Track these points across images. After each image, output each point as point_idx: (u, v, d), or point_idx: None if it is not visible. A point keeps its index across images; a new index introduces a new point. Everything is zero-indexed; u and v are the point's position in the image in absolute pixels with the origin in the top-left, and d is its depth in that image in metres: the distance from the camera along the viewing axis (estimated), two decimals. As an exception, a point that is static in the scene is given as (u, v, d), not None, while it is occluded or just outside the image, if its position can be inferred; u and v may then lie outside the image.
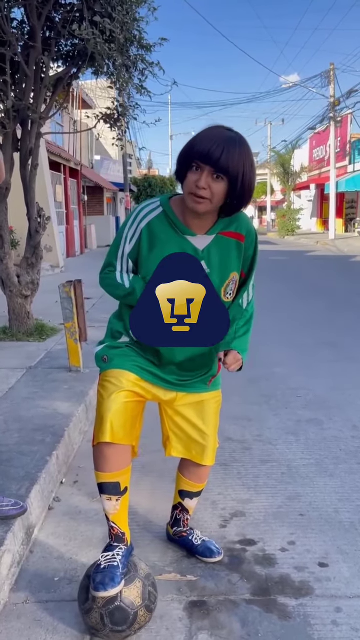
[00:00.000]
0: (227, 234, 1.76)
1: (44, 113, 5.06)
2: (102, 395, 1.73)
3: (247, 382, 4.17)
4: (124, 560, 1.69)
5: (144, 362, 1.80)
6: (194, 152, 1.58)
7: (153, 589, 1.71)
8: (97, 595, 1.59)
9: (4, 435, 2.88)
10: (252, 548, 2.16)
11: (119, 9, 4.42)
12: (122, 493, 1.75)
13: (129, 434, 1.72)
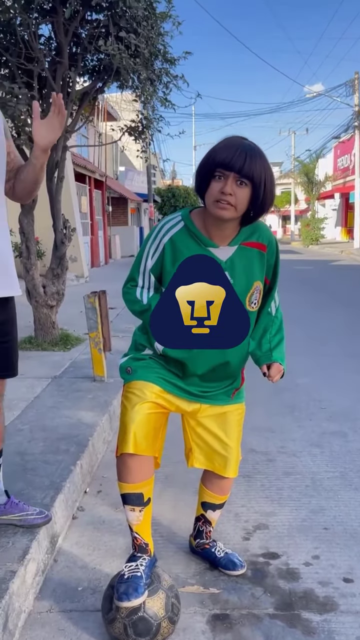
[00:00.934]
0: (249, 244, 1.77)
1: (70, 127, 5.16)
2: (126, 406, 1.75)
3: (270, 393, 4.15)
4: (147, 570, 1.70)
5: (167, 374, 1.82)
6: (216, 161, 1.61)
7: (176, 600, 1.72)
8: (121, 605, 1.60)
9: (30, 444, 2.92)
10: (276, 561, 2.14)
11: (144, 24, 4.50)
12: (145, 504, 1.76)
13: (151, 445, 1.74)
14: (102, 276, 13.51)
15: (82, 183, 15.22)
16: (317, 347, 5.98)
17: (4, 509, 2.08)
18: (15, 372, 2.04)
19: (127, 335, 6.09)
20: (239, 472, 1.96)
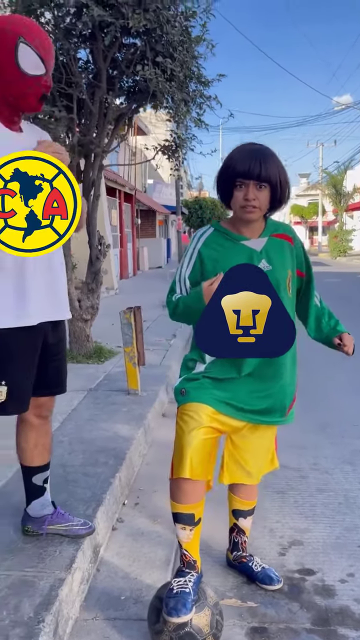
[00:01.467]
0: (277, 235, 1.92)
1: (106, 146, 5.33)
2: (183, 429, 1.83)
3: (302, 410, 4.17)
4: (195, 587, 1.78)
5: (220, 393, 1.87)
6: (235, 172, 1.79)
7: (220, 617, 1.79)
8: (170, 620, 1.68)
9: (70, 456, 3.04)
10: (311, 578, 2.20)
11: (180, 49, 4.64)
12: (195, 524, 1.85)
13: (205, 470, 1.82)
14: (131, 288, 13.69)
15: (112, 197, 15.50)
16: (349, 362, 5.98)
17: (51, 519, 2.19)
18: (64, 388, 2.16)
19: (158, 348, 6.21)
20: (272, 488, 2.04)
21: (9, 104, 1.83)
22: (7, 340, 1.82)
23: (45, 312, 1.93)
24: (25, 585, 1.90)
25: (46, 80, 1.84)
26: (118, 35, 4.35)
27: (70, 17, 4.61)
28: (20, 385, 1.90)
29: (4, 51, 1.75)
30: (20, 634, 1.67)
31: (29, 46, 1.77)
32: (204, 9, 4.81)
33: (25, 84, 1.79)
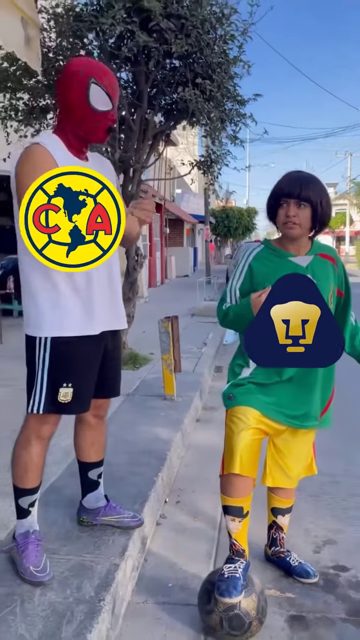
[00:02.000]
0: (323, 255, 2.10)
1: (144, 162, 5.57)
2: (233, 430, 2.01)
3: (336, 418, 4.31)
4: (244, 572, 1.95)
5: (266, 398, 2.05)
6: (279, 193, 2.01)
7: (265, 604, 1.96)
8: (221, 600, 1.85)
9: (116, 455, 3.24)
10: (345, 574, 2.35)
11: (218, 71, 4.86)
12: (244, 516, 2.03)
13: (253, 468, 2.01)
14: (160, 296, 13.93)
15: (142, 206, 15.79)
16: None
17: (104, 511, 2.39)
18: (119, 392, 2.37)
19: (190, 356, 6.39)
20: (306, 492, 2.19)
21: (79, 137, 2.05)
22: (74, 347, 2.02)
23: (107, 322, 2.13)
24: (84, 568, 2.10)
25: (112, 114, 2.05)
26: (160, 59, 4.59)
27: (115, 41, 4.88)
28: (84, 388, 2.10)
29: (78, 91, 1.97)
30: (84, 610, 1.86)
31: (99, 86, 1.99)
32: (242, 31, 5.02)
33: (95, 119, 2.00)
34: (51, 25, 5.18)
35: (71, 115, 2.00)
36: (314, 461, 2.32)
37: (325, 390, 2.14)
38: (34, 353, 2.02)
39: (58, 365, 2.00)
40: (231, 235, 31.45)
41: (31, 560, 2.02)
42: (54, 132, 2.07)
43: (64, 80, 1.99)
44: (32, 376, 2.04)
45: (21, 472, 2.07)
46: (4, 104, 5.57)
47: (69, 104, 1.98)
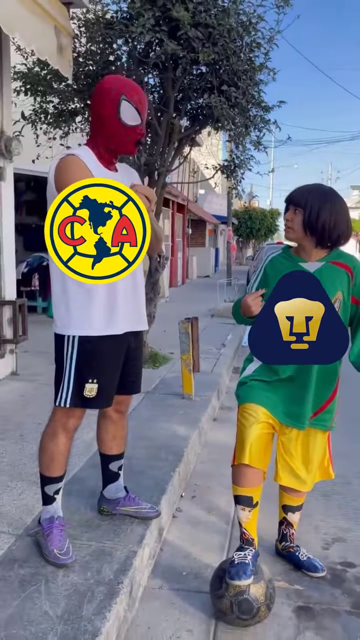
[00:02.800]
0: (335, 263, 2.14)
1: (169, 165, 5.70)
2: (244, 424, 2.13)
3: (349, 421, 4.39)
4: (253, 560, 2.07)
5: (271, 395, 2.16)
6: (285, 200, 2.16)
7: (273, 592, 2.07)
8: (232, 583, 1.97)
9: (134, 450, 3.37)
10: (352, 570, 2.45)
11: (244, 78, 4.96)
12: (254, 506, 2.14)
13: (262, 460, 2.12)
14: (181, 296, 14.06)
15: (165, 207, 15.95)
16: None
17: (124, 502, 2.52)
18: (139, 389, 2.49)
19: (208, 357, 6.51)
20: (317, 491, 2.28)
21: (109, 150, 2.18)
22: (99, 345, 2.16)
23: (130, 323, 2.25)
24: (104, 554, 2.24)
25: (141, 128, 2.17)
26: (187, 67, 4.71)
27: (144, 48, 5.01)
28: (108, 384, 2.23)
29: (110, 107, 2.10)
30: (104, 592, 2.00)
31: (129, 102, 2.11)
32: (268, 39, 5.11)
33: (125, 133, 2.13)
34: (82, 31, 5.34)
35: (103, 130, 2.13)
36: (331, 465, 2.37)
37: (321, 390, 2.18)
38: (62, 350, 2.16)
39: (84, 362, 2.13)
40: (253, 237, 31.44)
41: (55, 543, 2.16)
42: (86, 144, 2.21)
43: (97, 97, 2.13)
44: (60, 372, 2.17)
45: (48, 461, 2.21)
46: (34, 107, 5.75)
47: (102, 119, 2.12)
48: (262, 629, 2.06)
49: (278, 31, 5.11)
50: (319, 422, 2.25)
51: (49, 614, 1.88)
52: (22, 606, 1.90)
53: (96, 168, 2.11)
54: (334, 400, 2.25)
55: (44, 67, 5.48)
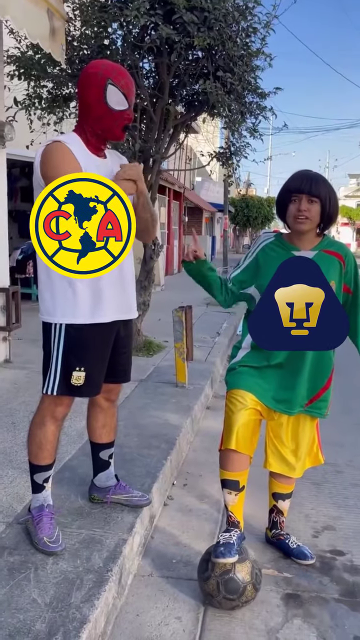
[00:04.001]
0: (328, 251, 2.15)
1: (164, 152, 5.64)
2: (231, 409, 2.14)
3: (341, 411, 4.41)
4: (238, 541, 2.09)
5: (260, 381, 2.16)
6: (290, 189, 2.10)
7: (259, 572, 2.09)
8: (217, 561, 1.99)
9: (126, 438, 3.38)
10: (341, 558, 2.46)
11: (240, 64, 4.90)
12: (240, 489, 2.16)
13: (248, 446, 2.12)
14: (176, 285, 14.01)
15: (162, 194, 15.86)
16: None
17: (114, 490, 2.53)
18: (129, 377, 2.48)
19: (203, 345, 6.51)
20: (309, 480, 2.30)
21: (97, 135, 2.15)
22: (87, 333, 2.13)
23: (117, 312, 2.23)
24: (94, 542, 2.24)
25: (129, 113, 2.14)
26: (182, 52, 4.64)
27: (139, 32, 4.94)
28: (95, 372, 2.21)
29: (96, 91, 2.07)
30: (93, 579, 2.01)
31: (116, 86, 2.08)
32: (265, 24, 5.04)
33: (112, 118, 2.10)
34: (76, 14, 5.25)
35: (90, 115, 2.10)
36: (320, 451, 2.40)
37: (315, 378, 2.19)
38: (50, 338, 2.14)
39: (71, 350, 2.12)
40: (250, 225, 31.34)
41: (45, 531, 2.16)
42: (73, 130, 2.18)
43: (83, 81, 2.10)
44: (47, 359, 2.16)
45: (36, 449, 2.21)
46: (28, 92, 5.67)
47: (88, 103, 2.09)
48: (250, 616, 2.07)
49: (275, 16, 5.05)
50: (315, 409, 2.26)
51: (38, 601, 1.88)
52: (11, 594, 1.91)
53: (83, 154, 2.08)
54: (329, 389, 2.27)
55: (37, 51, 5.39)
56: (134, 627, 2.00)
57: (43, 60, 5.42)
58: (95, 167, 2.11)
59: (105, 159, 2.21)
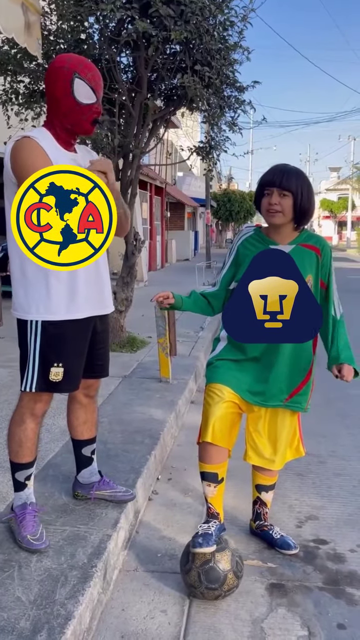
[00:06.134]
0: (305, 245, 2.16)
1: (144, 147, 5.62)
2: (209, 402, 2.15)
3: (323, 402, 4.46)
4: (217, 531, 2.11)
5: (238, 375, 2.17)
6: (262, 183, 2.11)
7: (239, 560, 2.11)
8: (195, 551, 2.01)
9: (110, 434, 3.37)
10: (324, 547, 2.49)
11: (217, 57, 4.89)
12: (219, 482, 2.18)
13: (226, 438, 2.14)
14: (160, 280, 14.00)
15: (143, 190, 15.80)
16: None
17: (98, 486, 2.52)
18: (107, 372, 2.48)
19: (187, 340, 6.51)
20: (292, 470, 2.32)
21: (66, 130, 2.13)
22: (63, 329, 2.12)
23: (93, 307, 2.21)
24: (78, 538, 2.24)
25: (97, 107, 2.13)
26: (160, 46, 4.62)
27: (115, 26, 4.90)
28: (73, 367, 2.19)
29: (62, 85, 2.05)
30: (77, 576, 2.00)
31: (83, 80, 2.06)
32: (242, 18, 5.04)
33: (81, 111, 2.08)
34: (52, 8, 5.19)
35: (58, 109, 2.08)
36: (301, 443, 2.41)
37: (294, 372, 2.20)
38: (26, 335, 2.13)
39: (48, 346, 2.11)
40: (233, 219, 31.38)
41: (28, 529, 2.15)
42: (43, 125, 2.16)
43: (50, 76, 2.08)
44: (24, 356, 2.15)
45: (16, 447, 2.19)
46: (4, 87, 5.60)
47: (56, 98, 2.07)
48: (235, 607, 2.09)
49: (252, 9, 5.04)
50: (295, 404, 2.27)
51: (22, 599, 1.87)
52: (-6, 592, 1.90)
53: (53, 149, 2.07)
54: (309, 383, 2.27)
55: (13, 45, 5.32)
56: (119, 622, 2.00)
57: (19, 55, 5.35)
58: (66, 161, 2.09)
59: (75, 154, 2.20)
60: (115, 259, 9.48)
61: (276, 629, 1.97)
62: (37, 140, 2.02)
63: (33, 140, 2.01)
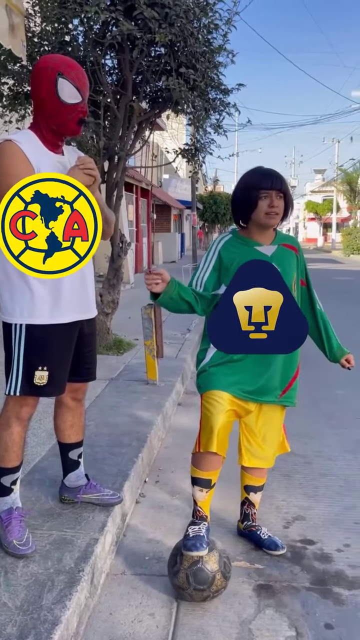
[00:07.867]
0: (286, 245, 2.21)
1: (129, 150, 5.62)
2: (211, 411, 2.11)
3: (309, 403, 4.49)
4: (207, 533, 2.11)
5: (231, 378, 2.16)
6: (260, 186, 2.10)
7: (227, 560, 2.12)
8: (189, 554, 2.01)
9: (97, 437, 3.36)
10: (312, 547, 2.50)
11: (202, 60, 4.90)
12: (211, 487, 2.18)
13: (225, 446, 2.15)
14: (146, 282, 13.97)
15: (129, 192, 15.78)
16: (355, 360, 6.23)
17: (85, 490, 2.51)
18: (94, 376, 2.47)
19: (173, 342, 6.51)
20: (279, 471, 2.33)
21: (52, 131, 2.12)
22: (48, 333, 2.10)
23: (77, 311, 2.20)
24: (65, 542, 2.22)
25: (82, 106, 2.12)
26: (144, 48, 4.62)
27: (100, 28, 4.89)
28: (58, 371, 2.18)
29: (47, 85, 2.04)
30: (64, 580, 1.99)
31: (67, 79, 2.06)
32: (226, 21, 5.06)
33: (66, 111, 2.08)
34: (36, 10, 5.17)
35: (43, 110, 2.08)
36: (286, 439, 2.44)
37: (287, 368, 2.22)
38: (10, 338, 2.11)
39: (33, 349, 2.09)
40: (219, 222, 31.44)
41: (15, 534, 2.13)
42: (29, 127, 2.15)
43: (35, 77, 2.08)
44: (9, 360, 2.13)
45: (2, 452, 2.17)
46: (-12, 90, 5.56)
47: (40, 98, 2.07)
48: (223, 608, 2.09)
49: (236, 12, 5.07)
50: (287, 399, 2.30)
51: (8, 605, 1.86)
52: (-20, 599, 1.88)
53: (38, 151, 2.06)
54: (298, 378, 2.32)
55: (-3, 47, 5.29)
56: (107, 626, 1.99)
57: (3, 57, 5.32)
58: (51, 164, 2.08)
59: (62, 156, 2.19)
60: (101, 261, 9.48)
61: (264, 629, 1.98)
62: (19, 144, 2.01)
63: (14, 145, 2.00)
